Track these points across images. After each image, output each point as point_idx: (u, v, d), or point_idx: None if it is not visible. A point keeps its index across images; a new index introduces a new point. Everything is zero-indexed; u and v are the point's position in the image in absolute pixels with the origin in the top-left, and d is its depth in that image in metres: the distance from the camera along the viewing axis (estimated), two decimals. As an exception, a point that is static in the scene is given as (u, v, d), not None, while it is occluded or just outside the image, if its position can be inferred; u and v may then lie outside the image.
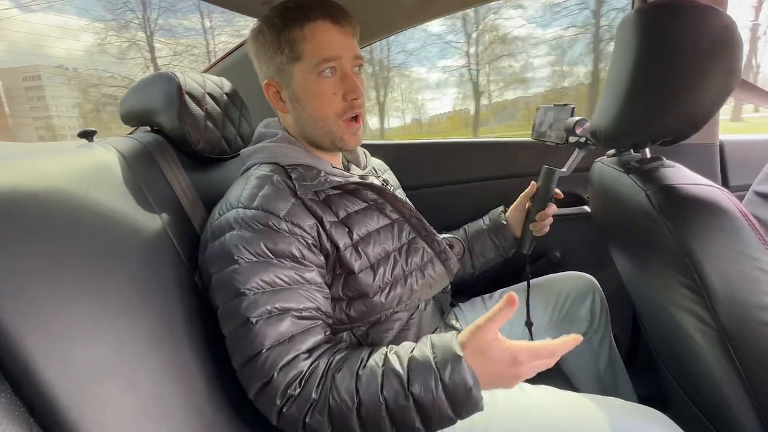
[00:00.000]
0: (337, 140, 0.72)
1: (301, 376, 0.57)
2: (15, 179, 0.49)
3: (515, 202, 0.95)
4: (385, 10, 1.16)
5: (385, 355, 0.58)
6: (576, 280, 0.99)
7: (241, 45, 1.21)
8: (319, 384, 0.56)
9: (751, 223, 0.52)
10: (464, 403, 0.53)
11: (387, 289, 0.70)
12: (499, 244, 0.94)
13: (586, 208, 1.23)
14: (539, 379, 0.66)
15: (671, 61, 0.55)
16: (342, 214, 0.69)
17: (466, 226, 1.00)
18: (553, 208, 0.90)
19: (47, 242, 0.48)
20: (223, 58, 1.21)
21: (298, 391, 0.56)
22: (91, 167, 0.63)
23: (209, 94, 0.85)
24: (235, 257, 0.60)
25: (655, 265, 0.61)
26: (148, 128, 0.86)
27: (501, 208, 0.98)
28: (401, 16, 1.20)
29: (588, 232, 1.19)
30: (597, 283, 0.99)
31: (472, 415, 0.55)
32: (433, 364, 0.54)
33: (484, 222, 0.98)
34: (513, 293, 0.53)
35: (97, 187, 0.61)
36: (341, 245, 0.67)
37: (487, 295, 1.02)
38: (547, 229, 0.91)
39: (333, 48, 0.67)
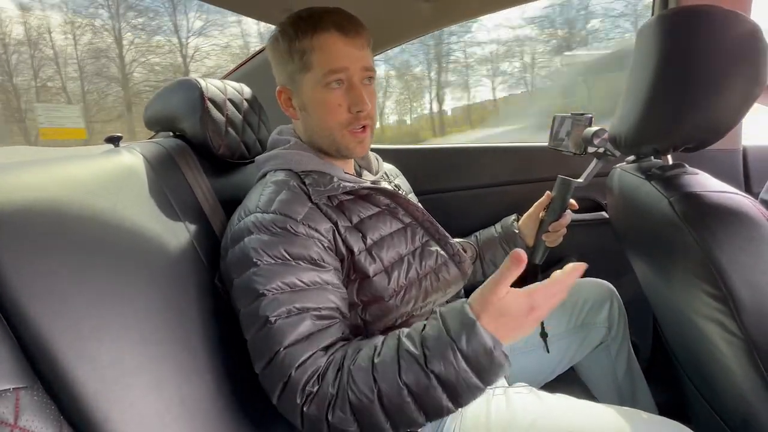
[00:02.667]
0: (343, 149, 0.73)
1: (318, 373, 0.56)
2: (48, 184, 0.51)
3: (528, 211, 0.94)
4: (402, 17, 1.16)
5: (398, 339, 0.56)
6: (593, 286, 0.98)
7: (260, 51, 1.22)
8: (336, 378, 0.55)
9: None
10: (488, 368, 0.50)
11: (402, 293, 0.70)
12: (509, 252, 0.93)
13: (604, 214, 1.21)
14: (557, 386, 0.65)
15: (694, 67, 0.54)
16: (355, 219, 0.69)
17: (477, 233, 1.00)
18: (567, 219, 0.88)
19: (77, 244, 0.50)
20: (242, 64, 1.23)
21: (316, 388, 0.55)
22: (118, 171, 0.65)
23: (230, 100, 0.87)
24: (255, 260, 0.60)
25: (678, 273, 0.60)
26: (170, 133, 0.88)
27: (513, 216, 0.97)
28: (417, 24, 1.20)
29: (606, 239, 1.16)
30: (615, 289, 0.97)
31: (492, 420, 0.54)
32: (448, 336, 0.51)
33: (495, 229, 0.97)
34: (519, 249, 0.53)
35: (124, 191, 0.62)
36: (356, 250, 0.67)
37: None
38: (561, 240, 0.89)
39: (340, 60, 0.67)
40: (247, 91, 0.94)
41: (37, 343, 0.42)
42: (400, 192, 0.80)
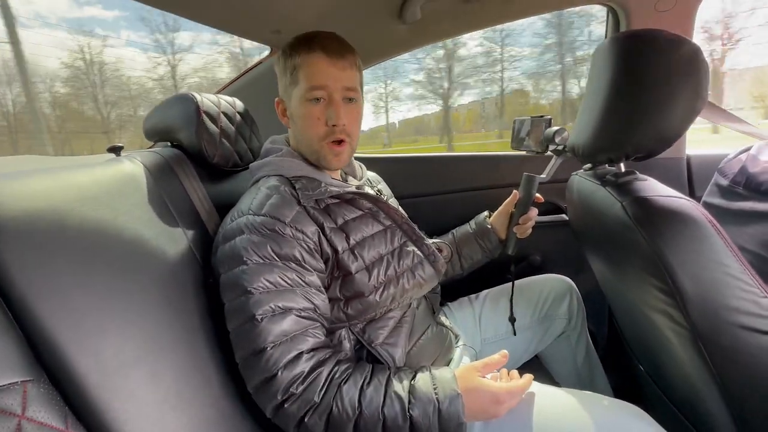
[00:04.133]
0: (321, 159, 0.72)
1: (303, 376, 0.56)
2: (53, 191, 0.50)
3: (499, 208, 0.94)
4: (383, 38, 1.15)
5: (388, 377, 0.59)
6: (555, 282, 0.98)
7: (252, 68, 1.20)
8: (322, 389, 0.56)
9: (718, 231, 0.51)
10: (450, 430, 0.55)
11: (381, 289, 0.69)
12: (485, 246, 0.93)
13: (565, 216, 1.22)
14: (522, 373, 0.64)
15: (644, 85, 0.55)
16: (340, 221, 0.69)
17: (453, 231, 0.99)
18: (534, 212, 0.88)
19: (80, 247, 0.49)
20: (235, 79, 1.21)
21: (300, 389, 0.56)
22: (119, 179, 0.63)
23: (223, 113, 0.85)
24: (244, 258, 0.60)
25: (631, 270, 0.60)
26: (168, 144, 0.85)
27: (486, 213, 0.97)
28: (396, 44, 1.19)
29: (566, 239, 1.17)
30: (574, 284, 0.98)
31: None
32: (435, 396, 0.56)
33: (470, 226, 0.97)
34: (505, 351, 0.62)
35: (125, 198, 0.61)
36: (340, 249, 0.66)
37: (474, 295, 1.01)
38: (530, 231, 0.89)
39: (321, 78, 0.68)
40: (239, 104, 0.92)
41: (42, 339, 0.42)
42: (381, 197, 0.79)
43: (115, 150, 0.76)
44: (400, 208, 0.83)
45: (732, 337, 0.49)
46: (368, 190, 0.83)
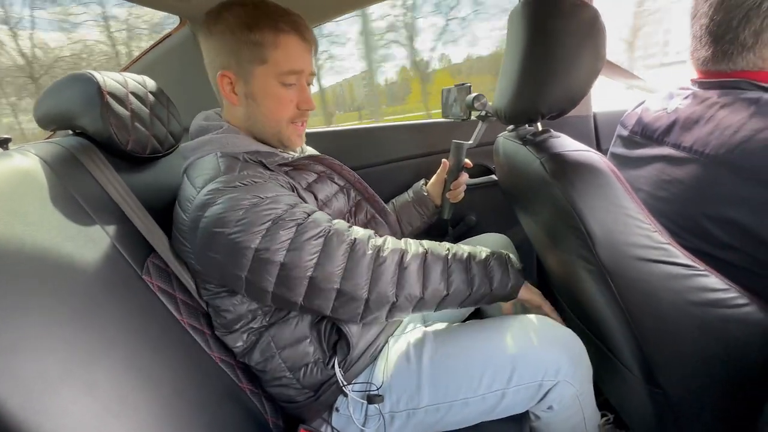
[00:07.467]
0: (285, 139, 0.71)
1: (368, 234, 0.64)
2: None
3: (434, 177, 0.97)
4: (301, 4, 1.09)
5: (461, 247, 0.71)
6: (493, 239, 1.04)
7: (159, 42, 1.07)
8: (396, 243, 0.65)
9: (619, 178, 0.57)
10: (506, 293, 0.69)
11: None
12: (422, 213, 0.97)
13: (494, 177, 1.29)
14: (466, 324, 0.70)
15: (550, 47, 0.57)
16: (304, 183, 0.71)
17: (393, 200, 1.01)
18: (465, 177, 0.92)
19: None
20: (141, 56, 1.07)
21: (380, 241, 0.64)
22: (10, 177, 0.54)
23: (132, 93, 0.75)
24: (246, 202, 0.57)
25: (551, 219, 0.66)
26: (70, 132, 0.75)
27: (422, 181, 1.00)
28: (318, 12, 1.14)
29: (497, 198, 1.25)
30: (510, 240, 1.05)
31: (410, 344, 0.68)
32: (508, 262, 0.71)
33: (408, 195, 0.99)
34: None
35: (20, 198, 0.52)
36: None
37: None
38: (462, 195, 0.94)
39: (299, 62, 0.67)
40: (150, 83, 0.82)
41: None
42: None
43: (1, 143, 0.65)
44: (351, 170, 0.83)
45: (632, 268, 0.56)
46: None
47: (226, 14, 0.65)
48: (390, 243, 0.64)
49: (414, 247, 0.66)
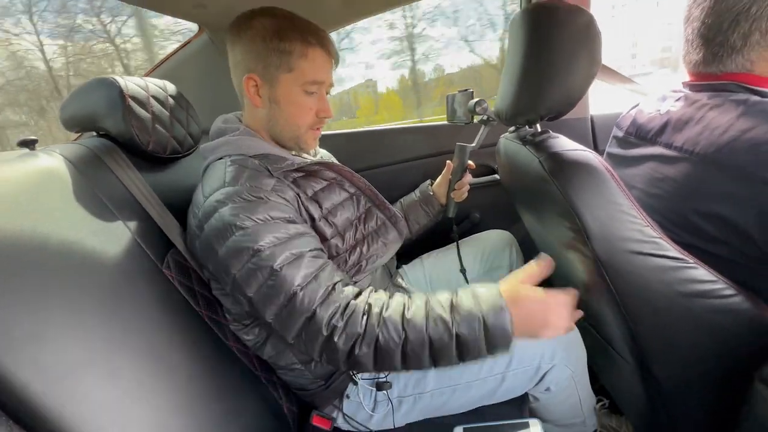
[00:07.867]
0: (302, 143, 0.75)
1: (340, 309, 0.57)
2: None
3: (439, 177, 1.00)
4: (315, 13, 1.12)
5: (426, 301, 0.58)
6: (497, 235, 1.07)
7: (180, 48, 1.12)
8: (362, 318, 0.56)
9: (613, 176, 0.60)
10: (498, 344, 0.54)
11: (351, 251, 0.74)
12: (428, 211, 1.00)
13: (497, 176, 1.31)
14: None
15: (549, 52, 0.60)
16: (310, 192, 0.71)
17: (401, 200, 1.04)
18: (468, 177, 0.95)
19: None
20: (162, 61, 1.12)
21: (341, 322, 0.55)
22: (36, 175, 0.57)
23: (153, 96, 0.79)
24: (238, 224, 0.58)
25: (549, 216, 0.68)
26: (94, 133, 0.79)
27: (428, 181, 1.03)
28: (330, 19, 1.17)
29: (500, 196, 1.28)
30: (513, 236, 1.08)
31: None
32: (479, 310, 0.55)
33: (415, 195, 1.02)
34: (547, 256, 0.59)
35: (46, 196, 0.55)
36: (316, 217, 0.69)
37: (425, 255, 1.08)
38: (466, 195, 0.97)
39: (322, 74, 0.71)
40: (170, 87, 0.86)
41: None
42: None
43: (28, 144, 0.67)
44: (362, 177, 0.86)
45: (625, 261, 0.58)
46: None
47: (257, 22, 0.68)
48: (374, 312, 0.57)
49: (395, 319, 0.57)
